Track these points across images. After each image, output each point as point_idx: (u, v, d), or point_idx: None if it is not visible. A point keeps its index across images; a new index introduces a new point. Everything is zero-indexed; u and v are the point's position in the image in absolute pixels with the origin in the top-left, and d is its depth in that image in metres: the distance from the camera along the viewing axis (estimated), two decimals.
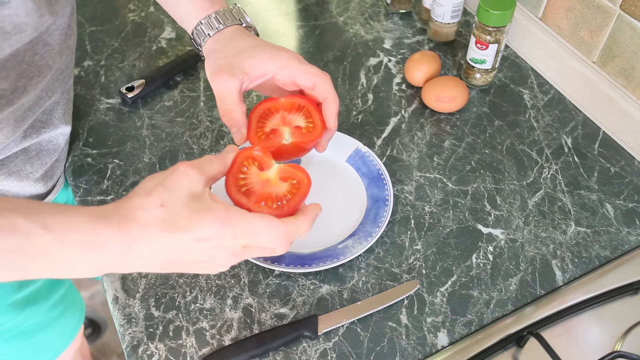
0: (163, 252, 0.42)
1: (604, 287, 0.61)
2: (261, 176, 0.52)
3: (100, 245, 0.41)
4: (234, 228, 0.43)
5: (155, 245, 0.41)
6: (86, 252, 0.41)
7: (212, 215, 0.42)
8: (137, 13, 0.95)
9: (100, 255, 0.41)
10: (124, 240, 0.41)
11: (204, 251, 0.43)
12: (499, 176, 0.72)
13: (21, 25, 0.49)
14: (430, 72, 0.79)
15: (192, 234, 0.42)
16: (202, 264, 0.44)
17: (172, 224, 0.41)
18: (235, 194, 0.50)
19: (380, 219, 0.65)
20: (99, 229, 0.41)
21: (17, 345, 0.74)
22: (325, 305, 0.60)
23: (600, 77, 0.75)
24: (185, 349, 0.57)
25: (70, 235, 0.40)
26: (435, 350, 0.57)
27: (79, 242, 0.40)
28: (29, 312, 0.72)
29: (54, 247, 0.40)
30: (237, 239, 0.43)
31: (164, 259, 0.42)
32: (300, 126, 0.57)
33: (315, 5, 0.97)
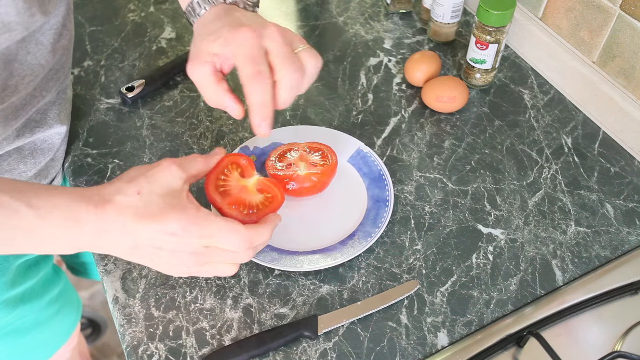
0: (131, 237, 0.44)
1: (604, 287, 0.61)
2: (240, 182, 0.55)
3: (78, 223, 0.44)
4: (200, 228, 0.45)
5: (125, 229, 0.44)
6: (65, 229, 0.44)
7: (183, 212, 0.45)
8: (137, 13, 0.95)
9: (77, 233, 0.44)
10: (98, 220, 0.44)
11: (168, 244, 0.45)
12: (499, 176, 0.72)
13: (11, 24, 0.49)
14: (430, 72, 0.79)
15: (160, 225, 0.44)
16: (164, 258, 0.46)
17: (144, 213, 0.44)
18: (212, 192, 0.53)
19: (381, 219, 0.65)
20: (79, 208, 0.44)
21: (11, 343, 0.74)
22: (325, 305, 0.60)
23: (600, 77, 0.75)
24: (185, 349, 0.57)
25: (53, 212, 0.43)
26: (435, 350, 0.57)
27: (59, 219, 0.43)
28: (22, 310, 0.72)
29: (37, 223, 0.43)
30: (201, 239, 0.46)
31: (132, 244, 0.45)
32: None
33: (315, 5, 0.97)
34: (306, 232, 0.65)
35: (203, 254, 0.47)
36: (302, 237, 0.65)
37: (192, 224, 0.45)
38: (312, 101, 0.81)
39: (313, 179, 0.66)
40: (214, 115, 0.79)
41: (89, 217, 0.44)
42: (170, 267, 0.48)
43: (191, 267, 0.48)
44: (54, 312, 0.79)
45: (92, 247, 0.45)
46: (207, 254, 0.47)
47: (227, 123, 0.78)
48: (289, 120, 0.78)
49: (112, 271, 0.63)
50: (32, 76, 0.57)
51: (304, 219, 0.67)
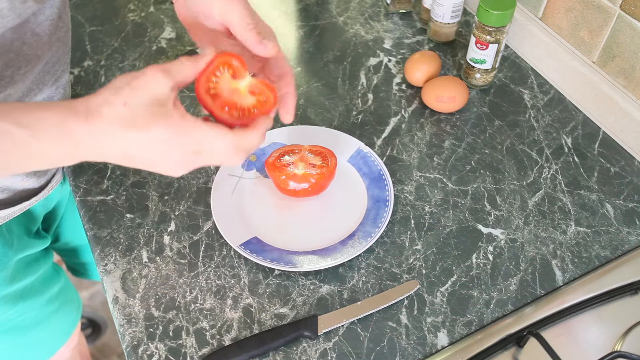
0: (121, 146, 0.45)
1: (604, 287, 0.61)
2: (232, 84, 0.53)
3: (70, 136, 0.44)
4: (186, 136, 0.46)
5: (114, 139, 0.45)
6: (59, 145, 0.44)
7: (168, 120, 0.45)
8: (137, 13, 0.95)
9: (71, 146, 0.45)
10: (89, 132, 0.44)
11: (158, 151, 0.46)
12: (499, 176, 0.72)
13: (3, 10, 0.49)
14: (430, 72, 0.79)
15: (147, 134, 0.45)
16: (158, 164, 0.47)
17: (131, 123, 0.45)
18: (203, 94, 0.52)
19: (381, 219, 0.65)
20: (68, 122, 0.44)
21: (10, 340, 0.74)
22: (325, 305, 0.60)
23: (600, 77, 0.75)
24: (185, 349, 0.57)
25: (44, 130, 0.44)
26: (435, 350, 0.57)
27: (52, 135, 0.44)
28: (22, 307, 0.72)
29: (31, 142, 0.43)
30: (188, 146, 0.46)
31: (122, 153, 0.46)
32: None
33: (315, 5, 0.97)
34: (306, 232, 0.65)
35: (193, 159, 0.47)
36: (302, 237, 0.65)
37: (177, 133, 0.45)
38: (312, 101, 0.81)
39: (311, 180, 0.66)
40: None
41: (79, 130, 0.44)
42: (168, 169, 0.48)
43: (188, 166, 0.48)
44: (53, 310, 0.79)
45: (88, 158, 0.46)
46: (198, 159, 0.48)
47: None
48: None
49: (112, 271, 0.63)
50: (29, 67, 0.57)
51: (304, 219, 0.67)
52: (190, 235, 0.66)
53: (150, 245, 0.65)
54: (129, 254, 0.64)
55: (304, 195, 0.67)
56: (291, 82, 0.55)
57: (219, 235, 0.66)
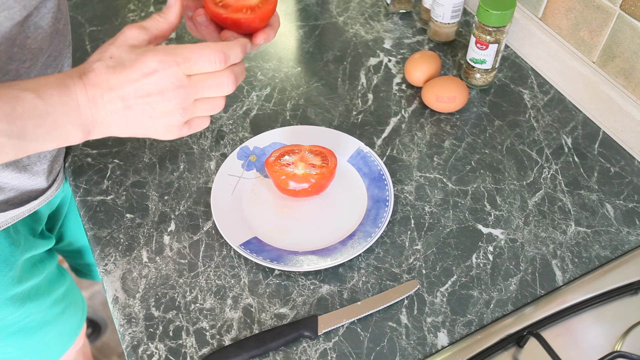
0: (118, 94, 0.47)
1: (604, 287, 0.61)
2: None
3: (70, 95, 0.46)
4: (175, 55, 0.47)
5: (110, 86, 0.47)
6: (63, 105, 0.46)
7: (154, 50, 0.48)
8: (137, 13, 0.95)
9: (74, 107, 0.46)
10: (86, 87, 0.46)
11: (153, 85, 0.47)
12: (499, 176, 0.72)
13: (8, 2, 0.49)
14: (430, 72, 0.79)
15: (138, 69, 0.47)
16: (159, 108, 0.48)
17: (120, 67, 0.47)
18: (214, 7, 0.54)
19: (381, 219, 0.65)
20: (65, 81, 0.46)
21: (18, 342, 0.74)
22: (325, 305, 0.60)
23: (600, 77, 0.75)
24: (185, 349, 0.57)
25: (47, 91, 0.45)
26: (435, 350, 0.57)
27: (54, 96, 0.45)
28: (30, 307, 0.72)
29: (39, 104, 0.45)
30: (180, 65, 0.47)
31: (122, 103, 0.47)
32: None
33: (315, 5, 0.97)
34: (306, 232, 0.65)
35: (189, 85, 0.48)
36: (302, 237, 0.65)
37: (165, 55, 0.47)
38: (312, 101, 0.81)
39: (311, 180, 0.66)
40: (214, 115, 0.79)
41: (77, 87, 0.46)
42: (169, 119, 0.49)
43: (187, 110, 0.49)
44: (59, 312, 0.79)
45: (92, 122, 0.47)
46: (193, 85, 0.48)
47: (227, 123, 0.78)
48: (289, 120, 0.78)
49: (112, 271, 0.63)
50: (32, 61, 0.57)
51: (304, 219, 0.67)
52: (190, 235, 0.66)
53: (150, 245, 0.65)
54: (129, 254, 0.64)
55: (304, 196, 0.67)
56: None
57: (219, 235, 0.66)
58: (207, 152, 0.74)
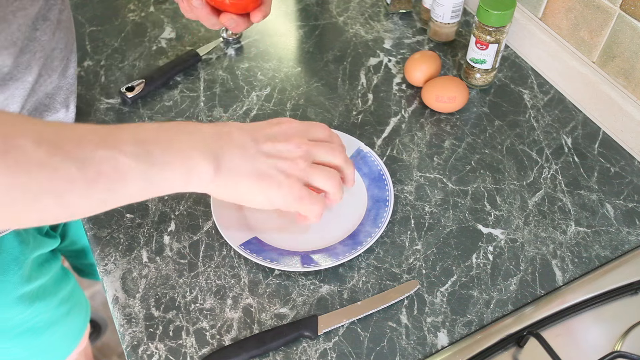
0: (250, 133, 0.50)
1: (604, 287, 0.61)
2: None
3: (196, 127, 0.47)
4: (295, 120, 0.55)
5: (240, 127, 0.50)
6: (189, 136, 0.46)
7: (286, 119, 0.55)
8: (137, 13, 0.95)
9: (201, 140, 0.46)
10: (214, 125, 0.49)
11: (281, 132, 0.52)
12: (499, 176, 0.72)
13: None
14: (430, 72, 0.79)
15: (271, 123, 0.54)
16: (283, 147, 0.51)
17: (257, 125, 0.53)
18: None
19: (381, 219, 0.65)
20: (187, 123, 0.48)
21: (26, 343, 0.74)
22: (325, 305, 0.60)
23: (600, 77, 0.75)
24: (185, 349, 0.57)
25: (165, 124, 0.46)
26: (435, 350, 0.57)
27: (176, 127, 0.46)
28: (38, 307, 0.72)
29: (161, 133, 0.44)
30: (302, 125, 0.55)
31: (251, 138, 0.50)
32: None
33: (315, 5, 0.97)
34: (306, 232, 0.65)
35: (310, 142, 0.53)
36: (302, 237, 0.65)
37: (288, 118, 0.55)
38: (312, 101, 0.81)
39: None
40: (214, 115, 0.79)
41: (202, 124, 0.48)
42: (291, 168, 0.51)
43: (307, 163, 0.52)
44: (65, 312, 0.79)
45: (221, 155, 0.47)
46: (312, 144, 0.53)
47: None
48: None
49: (112, 271, 0.63)
50: (43, 52, 0.57)
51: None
52: (190, 235, 0.66)
53: (150, 245, 0.65)
54: (129, 254, 0.64)
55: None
56: None
57: (219, 235, 0.66)
58: None
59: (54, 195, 0.37)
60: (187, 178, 0.44)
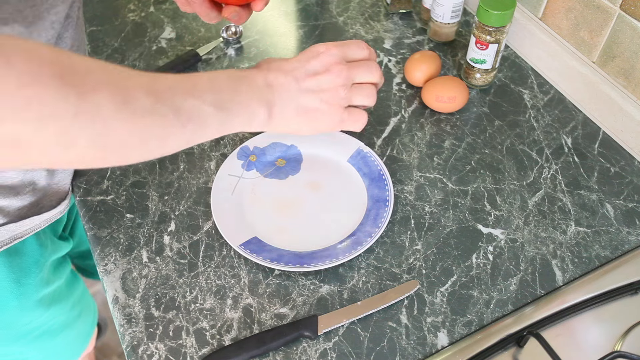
0: (293, 75, 0.53)
1: (604, 287, 0.61)
2: None
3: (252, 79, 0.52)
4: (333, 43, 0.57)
5: (284, 70, 0.53)
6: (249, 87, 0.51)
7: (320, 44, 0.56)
8: (137, 13, 0.95)
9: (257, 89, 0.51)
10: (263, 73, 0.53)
11: (320, 64, 0.55)
12: (499, 176, 0.72)
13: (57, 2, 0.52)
14: (430, 72, 0.79)
15: (306, 53, 0.56)
16: (324, 79, 0.54)
17: (293, 59, 0.55)
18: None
19: (381, 219, 0.65)
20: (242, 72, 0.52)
21: (42, 345, 0.74)
22: (325, 305, 0.60)
23: (600, 77, 0.75)
24: (185, 349, 0.57)
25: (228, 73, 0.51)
26: (435, 350, 0.57)
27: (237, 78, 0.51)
28: (54, 310, 0.72)
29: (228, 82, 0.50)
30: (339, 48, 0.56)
31: (296, 84, 0.53)
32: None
33: (315, 5, 0.97)
34: (306, 232, 0.65)
35: (348, 66, 0.55)
36: (302, 237, 0.65)
37: (329, 44, 0.56)
38: None
39: None
40: None
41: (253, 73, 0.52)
42: (334, 97, 0.55)
43: (348, 89, 0.55)
44: (77, 315, 0.79)
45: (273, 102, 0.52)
46: (350, 67, 0.55)
47: None
48: None
49: (112, 271, 0.63)
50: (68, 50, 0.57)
51: (304, 219, 0.67)
52: (190, 235, 0.66)
53: (150, 245, 0.65)
54: (129, 254, 0.64)
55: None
56: None
57: (219, 235, 0.66)
58: (207, 152, 0.74)
59: (159, 138, 0.43)
60: (249, 122, 0.51)
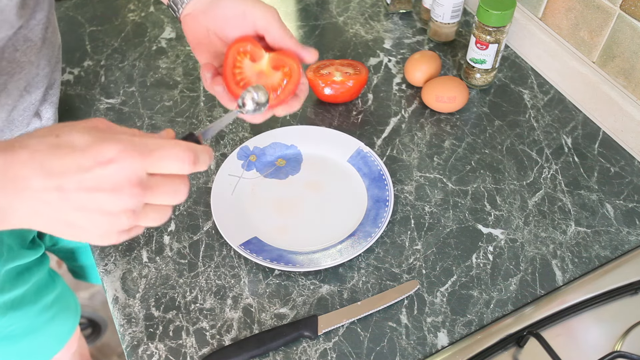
0: (56, 182, 0.36)
1: (604, 287, 0.61)
2: (255, 68, 0.53)
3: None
4: (140, 147, 0.38)
5: (47, 171, 0.35)
6: None
7: (116, 139, 0.38)
8: (137, 13, 0.95)
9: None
10: (10, 165, 0.35)
11: (106, 178, 0.37)
12: (499, 176, 0.72)
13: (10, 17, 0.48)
14: (430, 72, 0.79)
15: (91, 155, 0.36)
16: (104, 200, 0.37)
17: (68, 147, 0.36)
18: (235, 88, 0.52)
19: (381, 219, 0.65)
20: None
21: (1, 349, 0.73)
22: (325, 305, 0.60)
23: (600, 77, 0.75)
24: (185, 349, 0.57)
25: None
26: (435, 350, 0.57)
27: None
28: (12, 317, 0.70)
29: None
30: (144, 159, 0.38)
31: (58, 194, 0.36)
32: None
33: (315, 5, 0.97)
34: (306, 232, 0.65)
35: (147, 185, 0.39)
36: (302, 237, 0.65)
37: (129, 144, 0.38)
38: (312, 101, 0.81)
39: (349, 84, 0.76)
40: (214, 115, 0.79)
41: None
42: (111, 224, 0.39)
43: (136, 215, 0.39)
44: (49, 319, 0.77)
45: (6, 209, 0.36)
46: (151, 186, 0.39)
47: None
48: (289, 121, 0.78)
49: (112, 271, 0.63)
50: (22, 74, 0.56)
51: (304, 219, 0.67)
52: (190, 235, 0.66)
53: (150, 245, 0.65)
54: (129, 254, 0.64)
55: (341, 100, 0.79)
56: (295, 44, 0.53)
57: (219, 235, 0.66)
58: None
59: None
60: None
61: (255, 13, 0.52)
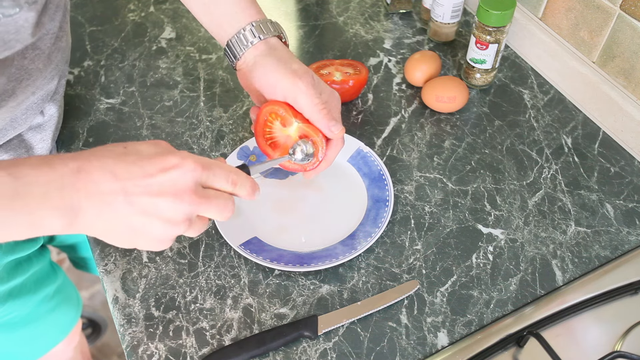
0: (123, 184, 0.38)
1: (604, 287, 0.61)
2: (284, 131, 0.60)
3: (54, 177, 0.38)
4: (199, 158, 0.43)
5: (114, 174, 0.38)
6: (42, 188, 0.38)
7: (180, 152, 0.43)
8: (137, 13, 0.95)
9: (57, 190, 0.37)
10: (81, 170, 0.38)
11: (169, 183, 0.40)
12: (499, 176, 0.72)
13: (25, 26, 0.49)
14: (430, 72, 0.79)
15: (157, 162, 0.40)
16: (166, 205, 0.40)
17: (135, 155, 0.40)
18: (263, 144, 0.60)
19: (381, 219, 0.65)
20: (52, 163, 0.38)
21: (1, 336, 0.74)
22: (325, 305, 0.60)
23: (600, 77, 0.75)
24: (185, 349, 0.57)
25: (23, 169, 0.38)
26: (435, 350, 0.57)
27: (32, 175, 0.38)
28: (12, 305, 0.71)
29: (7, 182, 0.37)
30: (203, 170, 0.42)
31: (124, 197, 0.39)
32: None
33: (315, 5, 0.97)
34: (306, 232, 0.65)
35: (202, 195, 0.42)
36: (302, 237, 0.65)
37: (191, 157, 0.42)
38: None
39: (349, 84, 0.76)
40: (214, 115, 0.79)
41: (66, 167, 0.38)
42: (170, 229, 0.42)
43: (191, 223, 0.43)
44: (49, 309, 0.78)
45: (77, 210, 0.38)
46: (206, 196, 0.43)
47: (227, 123, 0.78)
48: None
49: (112, 271, 0.63)
50: (30, 80, 0.56)
51: (304, 219, 0.67)
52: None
53: None
54: (129, 254, 0.64)
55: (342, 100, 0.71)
56: None
57: (219, 235, 0.66)
58: (207, 152, 0.74)
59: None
60: (31, 232, 0.39)
61: (284, 85, 0.57)
